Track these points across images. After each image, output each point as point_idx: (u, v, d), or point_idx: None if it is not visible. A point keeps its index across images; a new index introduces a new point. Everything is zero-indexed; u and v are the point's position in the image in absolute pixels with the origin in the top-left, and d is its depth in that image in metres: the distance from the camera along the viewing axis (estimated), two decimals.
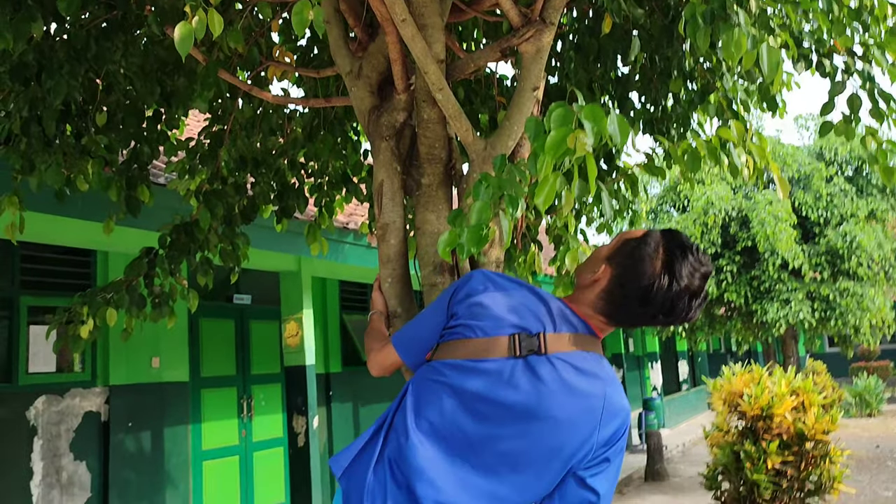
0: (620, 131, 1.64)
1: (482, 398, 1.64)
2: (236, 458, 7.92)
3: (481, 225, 1.61)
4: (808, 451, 4.60)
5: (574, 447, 1.64)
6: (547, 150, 1.57)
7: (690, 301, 1.68)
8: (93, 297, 2.91)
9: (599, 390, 1.67)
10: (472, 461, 1.64)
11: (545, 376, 1.64)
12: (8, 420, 5.53)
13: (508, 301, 1.69)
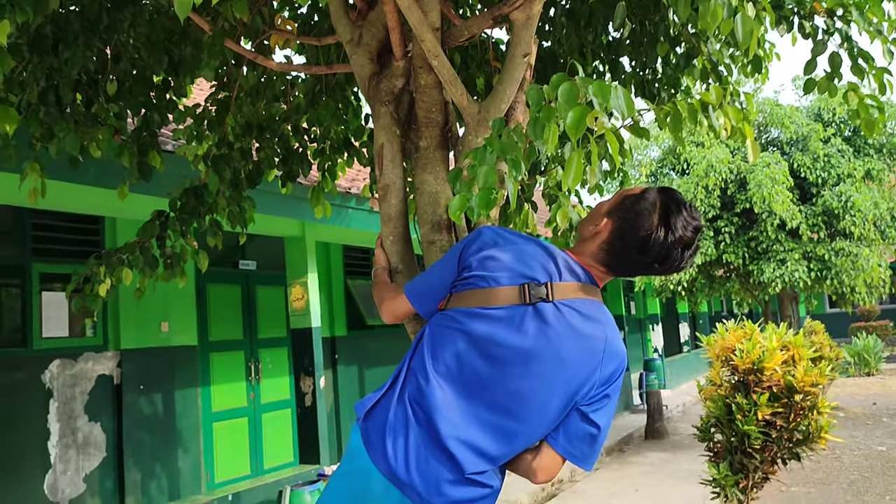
0: (626, 105, 1.74)
1: (494, 342, 1.79)
2: (245, 420, 8.15)
3: (490, 188, 1.73)
4: (797, 403, 4.76)
5: (578, 384, 1.80)
6: (569, 130, 1.65)
7: (683, 251, 1.84)
8: (109, 258, 3.06)
9: (601, 333, 1.83)
10: (486, 400, 1.79)
11: (552, 321, 1.80)
12: (24, 383, 5.72)
13: (518, 253, 1.83)
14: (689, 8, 1.92)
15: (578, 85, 1.71)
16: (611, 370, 1.83)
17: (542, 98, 1.77)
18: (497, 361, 1.78)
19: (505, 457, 1.82)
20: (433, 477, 1.75)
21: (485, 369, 1.78)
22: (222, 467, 7.65)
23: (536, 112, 1.76)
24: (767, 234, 10.07)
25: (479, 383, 1.79)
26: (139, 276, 3.17)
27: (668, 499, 7.63)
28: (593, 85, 1.68)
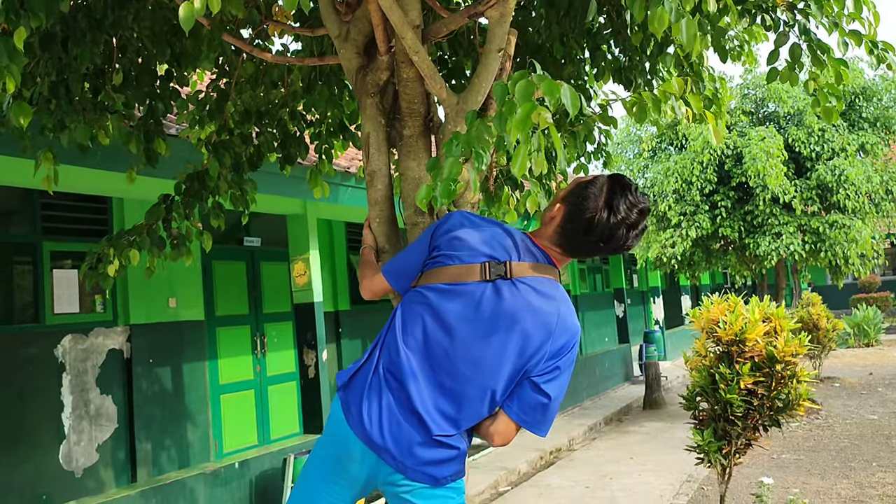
0: (572, 102, 1.92)
1: (457, 315, 2.00)
2: (252, 392, 8.40)
3: (450, 180, 1.91)
4: (777, 372, 4.96)
5: (529, 355, 2.00)
6: (515, 127, 1.84)
7: (628, 231, 2.03)
8: (118, 240, 3.26)
9: (554, 309, 2.03)
10: (448, 368, 2.01)
11: (508, 296, 2.01)
12: (38, 357, 5.96)
13: (481, 235, 2.04)
14: (643, 10, 2.08)
15: (534, 82, 1.89)
16: (561, 343, 2.02)
17: (506, 93, 1.94)
18: (458, 333, 1.99)
19: (467, 420, 2.03)
20: (405, 440, 1.98)
21: (447, 340, 2.00)
22: (230, 437, 7.92)
23: (501, 107, 1.94)
24: (761, 207, 10.20)
25: (443, 353, 2.00)
26: (147, 256, 3.38)
27: (661, 465, 7.89)
28: (543, 84, 1.85)
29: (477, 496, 7.27)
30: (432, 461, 1.99)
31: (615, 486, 7.22)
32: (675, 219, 10.67)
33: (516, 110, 1.87)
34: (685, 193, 10.64)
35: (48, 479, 5.90)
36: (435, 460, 1.99)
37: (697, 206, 10.70)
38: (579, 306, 17.70)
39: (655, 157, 11.47)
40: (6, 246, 6.10)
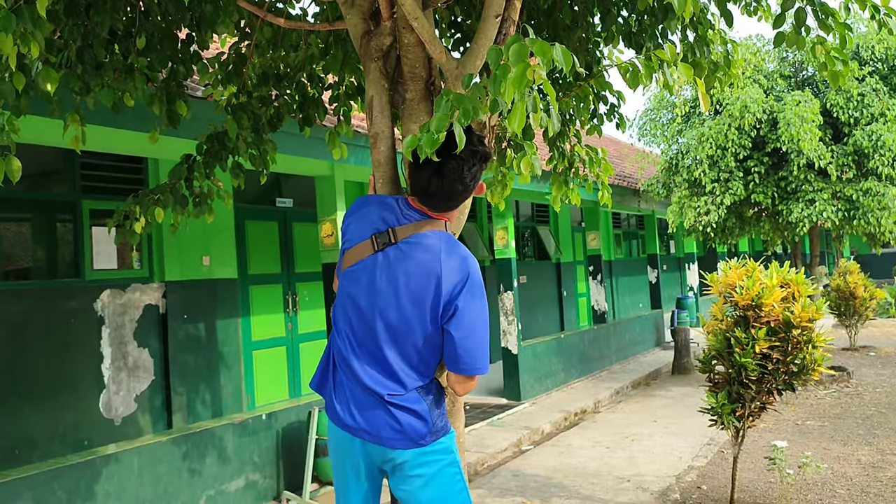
0: (564, 60, 2.00)
1: (364, 291, 2.23)
2: (283, 349, 8.68)
3: (434, 132, 2.01)
4: (794, 337, 4.98)
5: (430, 305, 2.19)
6: (511, 83, 1.93)
7: (452, 184, 2.21)
8: (143, 198, 3.44)
9: (435, 258, 2.22)
10: (374, 339, 2.22)
11: (397, 259, 2.22)
12: (79, 310, 6.26)
13: (368, 213, 2.29)
14: None
15: (527, 45, 1.97)
16: (452, 284, 2.19)
17: (500, 58, 2.03)
18: (368, 306, 2.22)
19: (410, 378, 2.22)
20: (370, 415, 2.21)
21: (365, 316, 2.22)
22: (262, 391, 8.22)
23: (495, 69, 2.02)
24: (795, 173, 10.05)
25: (366, 328, 2.22)
26: (171, 213, 3.55)
27: (683, 428, 7.97)
28: (536, 45, 1.93)
29: (499, 453, 7.45)
30: (401, 425, 2.19)
31: (635, 448, 7.34)
32: (708, 186, 10.55)
33: (510, 71, 1.95)
34: (719, 160, 10.52)
35: (89, 425, 6.23)
36: (402, 423, 2.19)
37: (731, 172, 10.57)
38: (612, 272, 17.70)
39: (689, 123, 11.33)
40: (48, 204, 6.38)
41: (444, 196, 2.24)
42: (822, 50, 2.89)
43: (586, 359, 11.77)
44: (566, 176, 3.91)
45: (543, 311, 14.64)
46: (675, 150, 11.53)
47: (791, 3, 2.84)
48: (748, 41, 10.91)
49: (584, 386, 10.96)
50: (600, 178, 3.78)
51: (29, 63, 2.61)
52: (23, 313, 5.86)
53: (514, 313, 9.76)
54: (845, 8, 2.78)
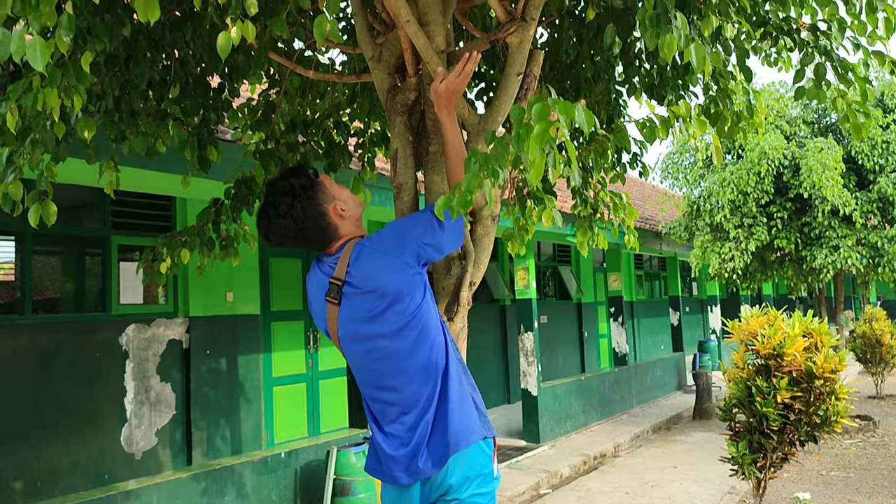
0: (587, 121, 2.06)
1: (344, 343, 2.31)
2: (303, 385, 8.71)
3: (466, 193, 2.07)
4: (816, 388, 4.95)
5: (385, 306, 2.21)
6: (533, 140, 2.00)
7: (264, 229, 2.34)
8: (171, 240, 3.54)
9: (339, 264, 2.25)
10: (371, 378, 2.29)
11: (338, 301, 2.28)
12: (104, 344, 6.36)
13: (311, 284, 2.37)
14: (655, 39, 2.20)
15: (549, 105, 2.03)
16: (359, 271, 2.22)
17: (523, 116, 2.10)
18: (355, 353, 2.29)
19: (408, 397, 2.22)
20: (391, 454, 2.20)
21: (357, 359, 2.31)
22: (281, 428, 8.24)
23: (518, 128, 2.09)
24: (819, 220, 10.01)
25: (362, 369, 2.31)
26: (199, 255, 3.65)
27: (704, 476, 7.86)
28: (558, 105, 2.00)
29: (517, 497, 7.40)
30: (405, 456, 2.19)
31: (655, 494, 7.25)
32: (732, 231, 10.54)
33: (533, 130, 2.01)
34: (741, 205, 10.51)
35: (110, 459, 6.29)
36: (403, 455, 2.19)
37: (755, 217, 10.56)
38: (634, 313, 17.60)
39: (711, 167, 11.36)
40: (79, 239, 6.53)
41: (292, 236, 2.30)
42: (843, 103, 2.93)
43: (606, 401, 11.68)
44: (591, 221, 3.96)
45: (564, 351, 14.57)
46: (697, 193, 11.55)
47: (810, 59, 2.89)
48: (770, 87, 10.98)
49: (603, 429, 10.86)
50: (625, 223, 3.82)
51: (69, 112, 2.73)
52: (50, 346, 5.97)
53: (534, 354, 9.74)
54: (864, 64, 2.82)
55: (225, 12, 2.83)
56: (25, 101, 2.21)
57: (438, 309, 2.59)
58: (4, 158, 2.61)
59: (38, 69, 1.70)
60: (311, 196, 2.29)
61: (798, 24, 2.90)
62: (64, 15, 1.83)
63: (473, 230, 2.63)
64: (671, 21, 2.15)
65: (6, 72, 3.08)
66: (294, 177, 2.31)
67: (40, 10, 1.70)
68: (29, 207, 2.71)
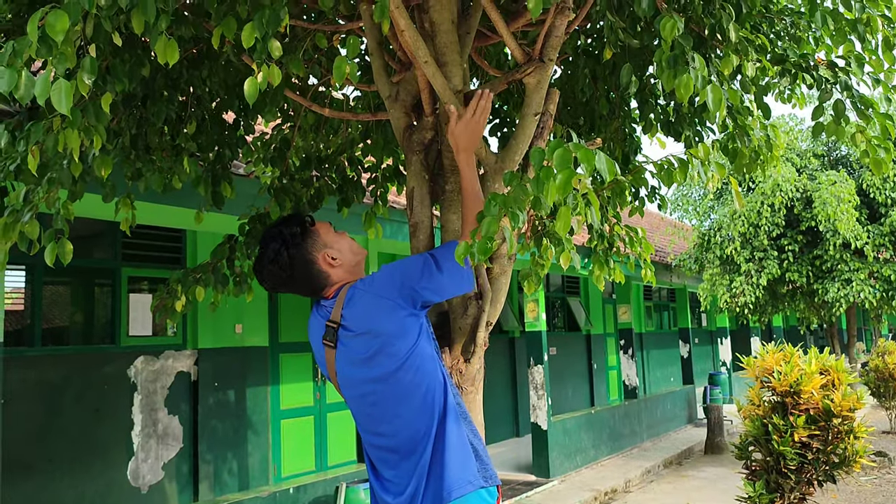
0: (608, 169, 2.04)
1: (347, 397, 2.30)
2: (311, 418, 8.64)
3: (487, 238, 2.04)
4: (834, 427, 4.87)
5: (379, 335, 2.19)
6: (556, 189, 1.98)
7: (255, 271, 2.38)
8: (185, 277, 3.53)
9: (335, 307, 2.24)
10: (369, 425, 2.26)
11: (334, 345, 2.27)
12: (112, 377, 6.33)
13: (311, 329, 2.36)
14: (672, 80, 2.19)
15: (571, 150, 2.01)
16: (351, 314, 2.21)
17: (542, 159, 2.08)
18: (352, 397, 2.28)
19: (404, 437, 2.19)
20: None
21: (354, 408, 2.30)
22: (289, 462, 8.16)
23: (538, 171, 2.07)
24: (831, 253, 9.96)
25: (359, 413, 2.29)
26: (212, 292, 3.63)
27: None
28: (579, 151, 1.98)
29: None
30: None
31: None
32: (743, 265, 10.49)
33: (554, 176, 1.99)
34: (752, 237, 10.47)
35: (116, 493, 6.22)
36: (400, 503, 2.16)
37: (766, 250, 10.52)
38: (643, 344, 17.47)
39: (721, 199, 11.34)
40: (89, 270, 6.53)
41: (282, 282, 2.33)
42: (863, 138, 2.91)
43: (617, 435, 11.53)
44: (607, 255, 3.93)
45: (573, 384, 14.45)
46: (707, 225, 11.53)
47: (829, 95, 2.87)
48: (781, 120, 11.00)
49: (614, 463, 10.71)
50: (642, 257, 3.79)
51: (86, 150, 2.73)
52: (58, 378, 5.94)
53: (544, 387, 9.65)
54: (886, 99, 2.81)
55: (241, 50, 2.85)
56: (46, 141, 2.22)
57: (455, 350, 2.56)
58: (22, 197, 2.61)
59: (62, 112, 1.70)
60: (299, 244, 2.31)
61: (816, 62, 2.89)
62: (87, 58, 1.83)
63: (490, 269, 2.60)
64: (689, 62, 2.14)
65: (24, 109, 3.09)
66: (285, 225, 2.35)
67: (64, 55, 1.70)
68: (45, 246, 2.70)
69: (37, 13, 1.73)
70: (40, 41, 1.70)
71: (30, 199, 2.67)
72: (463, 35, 2.65)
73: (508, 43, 2.45)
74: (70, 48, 1.76)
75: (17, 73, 1.70)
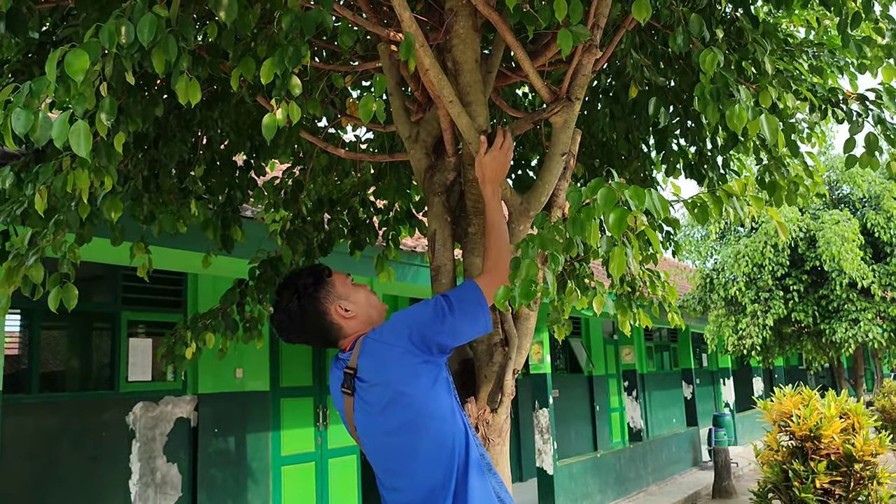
0: (661, 206, 1.96)
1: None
2: (312, 464, 8.43)
3: (529, 281, 1.95)
4: (856, 472, 4.73)
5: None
6: (612, 229, 1.89)
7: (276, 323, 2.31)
8: (195, 323, 3.42)
9: (349, 361, 2.17)
10: (380, 466, 2.17)
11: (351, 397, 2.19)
12: (110, 423, 6.16)
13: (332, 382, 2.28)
14: (717, 113, 2.13)
15: (615, 189, 1.93)
16: (365, 364, 2.12)
17: (580, 199, 1.99)
18: (370, 449, 2.22)
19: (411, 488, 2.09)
20: None
21: (372, 461, 2.21)
22: None
23: (576, 212, 1.99)
24: (837, 292, 9.90)
25: (379, 473, 2.21)
26: (221, 338, 3.52)
27: None
28: (629, 190, 1.89)
29: None
30: None
31: None
32: (749, 307, 10.41)
33: (603, 215, 1.90)
34: (756, 278, 10.41)
35: None
36: None
37: (771, 290, 10.45)
38: (645, 385, 17.26)
39: (724, 240, 11.31)
40: (89, 315, 6.40)
41: (295, 333, 2.27)
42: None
43: (622, 479, 11.30)
44: (630, 299, 3.84)
45: (577, 427, 14.21)
46: (709, 266, 11.46)
47: (860, 128, 2.82)
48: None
49: None
50: (666, 300, 3.70)
51: (95, 192, 2.65)
52: (56, 425, 5.78)
53: (549, 431, 9.46)
54: None
55: (256, 90, 2.79)
56: (55, 182, 2.13)
57: (480, 399, 2.44)
58: (27, 240, 2.51)
59: (81, 155, 1.62)
60: (312, 295, 2.25)
61: (846, 95, 2.84)
62: (106, 99, 1.76)
63: (517, 314, 2.50)
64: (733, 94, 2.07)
65: (31, 151, 3.01)
66: (300, 276, 2.30)
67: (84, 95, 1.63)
68: (48, 290, 2.59)
69: (55, 52, 1.66)
70: (59, 81, 1.63)
71: (35, 242, 2.57)
72: (485, 74, 2.60)
73: (535, 82, 2.39)
74: (89, 89, 1.69)
75: (33, 114, 1.62)
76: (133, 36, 1.63)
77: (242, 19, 2.18)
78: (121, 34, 1.62)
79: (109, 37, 1.61)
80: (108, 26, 1.61)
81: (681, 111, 3.28)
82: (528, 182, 3.76)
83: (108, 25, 1.62)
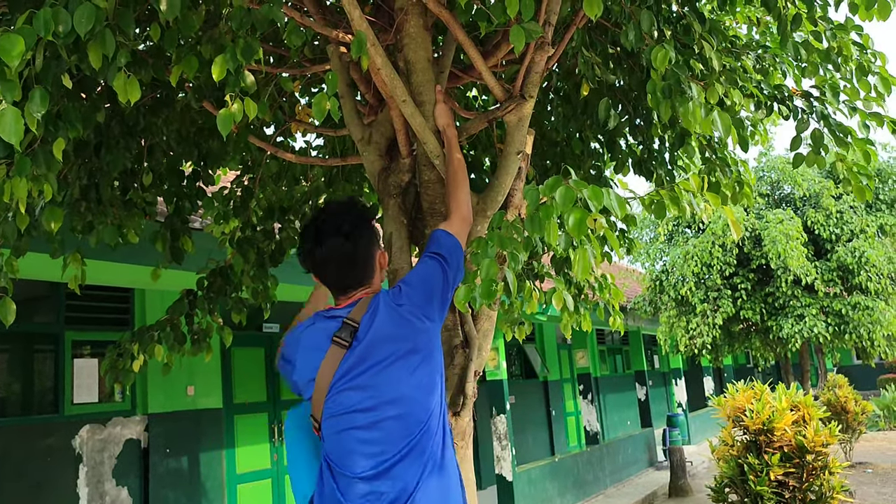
0: (618, 206, 1.95)
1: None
2: (269, 482, 8.25)
3: (492, 280, 1.92)
4: (808, 463, 4.82)
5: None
6: (572, 232, 1.86)
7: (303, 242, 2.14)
8: (142, 336, 3.30)
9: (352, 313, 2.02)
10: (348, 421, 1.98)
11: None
12: (55, 449, 5.92)
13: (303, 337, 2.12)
14: (670, 110, 2.14)
15: (573, 188, 1.91)
16: (380, 322, 1.98)
17: (538, 197, 1.98)
18: (344, 405, 2.00)
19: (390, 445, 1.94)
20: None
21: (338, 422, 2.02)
22: None
23: (534, 210, 1.97)
24: (783, 289, 10.15)
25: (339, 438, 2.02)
26: (167, 351, 3.40)
27: None
28: (588, 189, 1.88)
29: None
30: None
31: None
32: (699, 306, 10.60)
33: (564, 215, 1.88)
34: (705, 278, 10.62)
35: None
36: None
37: (719, 290, 10.66)
38: (599, 389, 17.43)
39: (672, 241, 11.51)
40: (30, 336, 6.16)
41: (342, 260, 2.06)
42: (844, 166, 2.90)
43: (581, 482, 11.36)
44: (576, 302, 3.84)
45: (533, 432, 14.25)
46: (658, 268, 11.65)
47: (805, 125, 2.87)
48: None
49: None
50: (611, 303, 3.70)
51: (33, 203, 2.53)
52: None
53: (507, 437, 9.45)
54: (864, 126, 2.81)
55: (203, 96, 2.71)
56: None
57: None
58: None
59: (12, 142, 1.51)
60: (372, 232, 2.13)
61: (790, 92, 2.89)
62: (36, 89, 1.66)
63: (476, 315, 2.47)
64: (685, 91, 2.09)
65: None
66: (364, 208, 2.17)
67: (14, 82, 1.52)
68: None
69: None
70: None
71: None
72: (437, 74, 2.57)
73: (488, 80, 2.37)
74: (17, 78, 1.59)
75: None
76: (70, 25, 1.55)
77: (186, 20, 2.11)
78: (57, 22, 1.53)
79: (45, 24, 1.53)
80: (44, 13, 1.53)
81: (630, 109, 3.31)
82: (481, 186, 3.74)
83: (44, 12, 1.53)
